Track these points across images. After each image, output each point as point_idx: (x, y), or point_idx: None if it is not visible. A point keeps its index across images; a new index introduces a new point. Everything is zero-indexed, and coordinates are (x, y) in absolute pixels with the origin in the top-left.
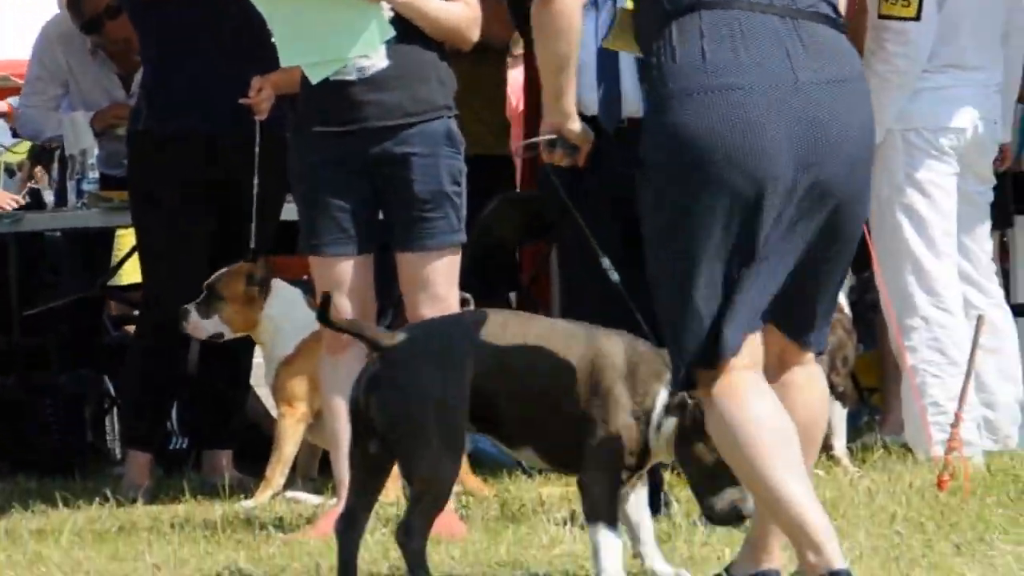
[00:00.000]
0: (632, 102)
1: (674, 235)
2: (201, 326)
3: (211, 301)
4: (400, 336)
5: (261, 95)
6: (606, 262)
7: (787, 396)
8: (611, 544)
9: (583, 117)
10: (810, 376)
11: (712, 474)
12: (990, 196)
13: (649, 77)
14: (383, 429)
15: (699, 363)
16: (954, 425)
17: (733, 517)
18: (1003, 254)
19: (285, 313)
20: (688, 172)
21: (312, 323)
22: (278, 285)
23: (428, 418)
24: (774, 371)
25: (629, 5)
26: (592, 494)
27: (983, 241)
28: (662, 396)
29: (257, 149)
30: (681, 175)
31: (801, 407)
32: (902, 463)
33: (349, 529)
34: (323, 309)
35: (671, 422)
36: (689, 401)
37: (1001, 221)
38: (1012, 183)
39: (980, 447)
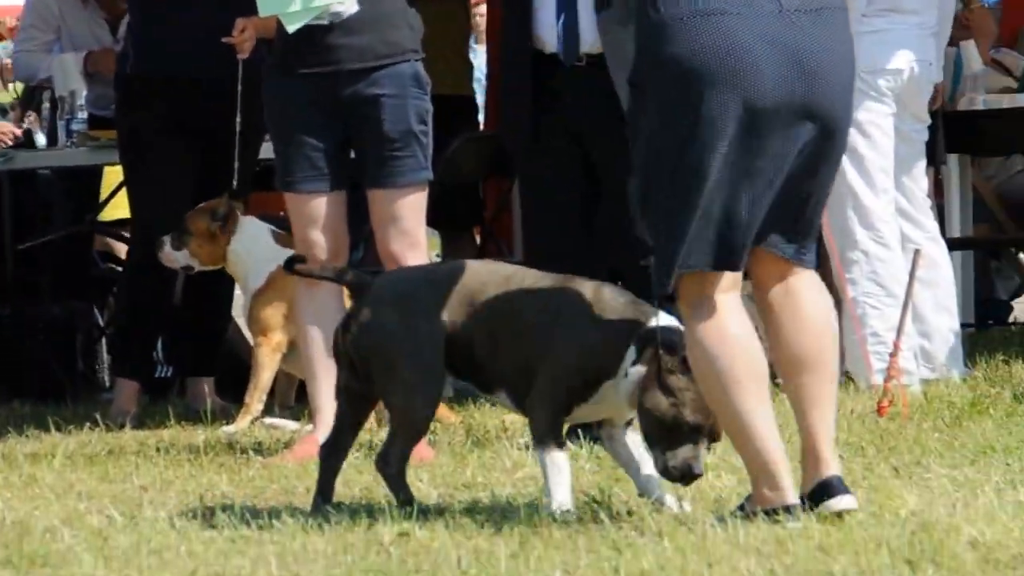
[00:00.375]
0: (589, 39)
1: (680, 153)
2: (173, 257)
3: (181, 235)
4: (379, 279)
5: (244, 35)
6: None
7: (797, 304)
8: (558, 468)
9: (542, 55)
10: (814, 283)
11: (670, 429)
12: (925, 135)
13: (640, 4)
14: (360, 364)
15: (704, 265)
16: (893, 354)
17: (686, 475)
18: (937, 190)
19: (250, 248)
20: (686, 94)
21: (277, 255)
22: (245, 221)
23: (400, 355)
24: (781, 291)
25: None
26: (536, 419)
27: (919, 178)
28: (631, 352)
29: (240, 87)
30: (680, 97)
31: (812, 309)
32: (844, 391)
33: (331, 456)
34: (291, 262)
35: (637, 372)
36: (662, 353)
37: (935, 159)
38: (945, 122)
39: (917, 375)
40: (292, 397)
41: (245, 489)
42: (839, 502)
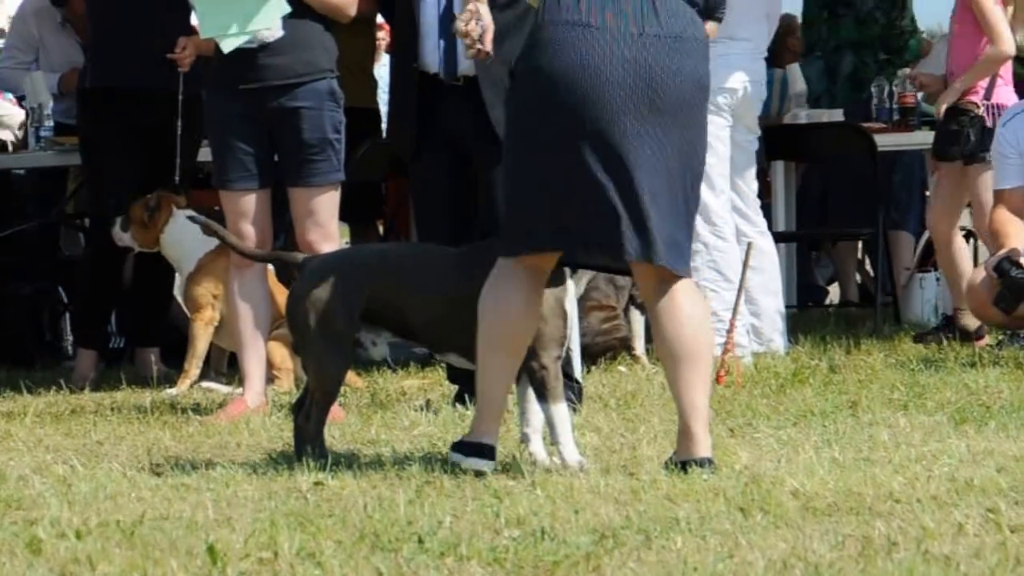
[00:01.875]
0: (465, 63)
1: (526, 143)
2: (120, 237)
3: (125, 221)
4: (310, 260)
5: (185, 52)
6: None
7: (674, 305)
8: (564, 418)
9: (426, 75)
10: (690, 288)
11: None
12: (756, 144)
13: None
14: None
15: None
16: (729, 331)
17: None
18: (766, 191)
19: (179, 237)
20: (544, 95)
21: (206, 244)
22: (177, 213)
23: (315, 326)
24: (660, 295)
25: None
26: (539, 377)
27: (750, 181)
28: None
29: (180, 97)
30: (538, 97)
31: (690, 311)
32: None
33: (298, 413)
34: (234, 248)
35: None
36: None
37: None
38: (773, 133)
39: (749, 349)
40: (224, 364)
41: (185, 444)
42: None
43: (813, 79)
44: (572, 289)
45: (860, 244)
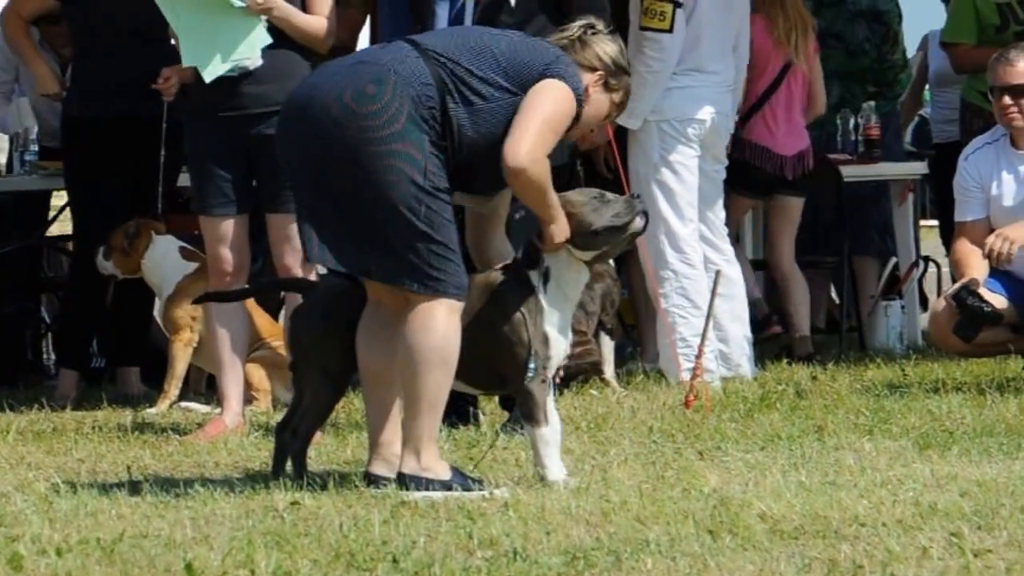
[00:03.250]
0: None
1: None
2: (103, 265)
3: (107, 249)
4: (317, 287)
5: (169, 82)
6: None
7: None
8: (546, 441)
9: None
10: (419, 311)
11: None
12: (723, 174)
13: None
14: (289, 352)
15: None
16: (698, 357)
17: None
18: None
19: (159, 262)
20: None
21: (184, 267)
22: (158, 239)
23: (315, 352)
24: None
25: None
26: (520, 402)
27: (718, 210)
28: (534, 276)
29: (164, 125)
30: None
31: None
32: (658, 386)
33: (283, 431)
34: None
35: (552, 266)
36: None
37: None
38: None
39: (717, 374)
40: (203, 385)
41: (165, 463)
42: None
43: None
44: (554, 314)
45: None
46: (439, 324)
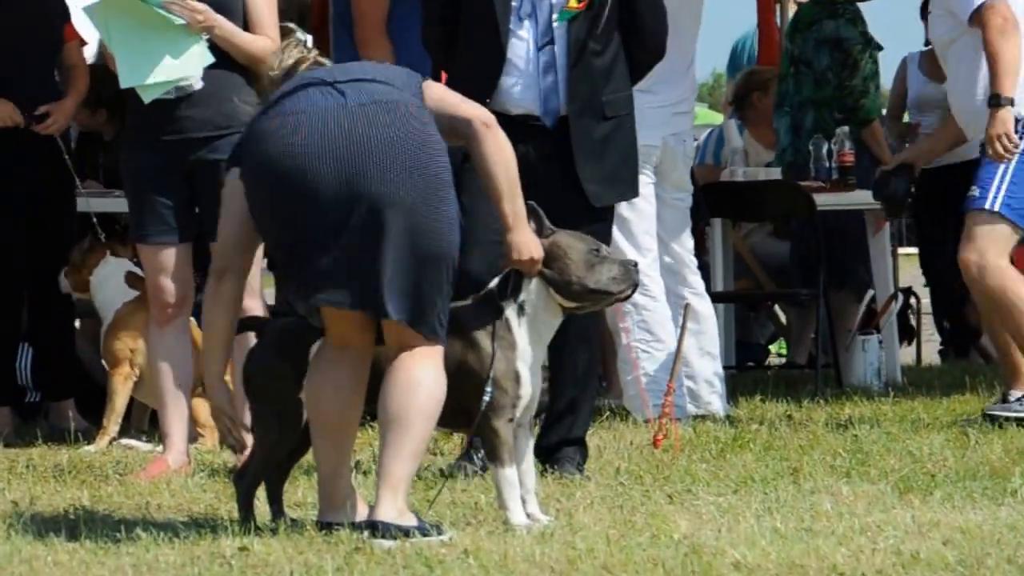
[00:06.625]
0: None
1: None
2: (63, 284)
3: (69, 269)
4: (271, 324)
5: (51, 128)
6: None
7: (400, 376)
8: (510, 483)
9: (510, 117)
10: (423, 353)
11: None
12: (689, 202)
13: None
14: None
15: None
16: (667, 394)
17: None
18: (702, 249)
19: (103, 285)
20: (256, 183)
21: (125, 294)
22: (108, 259)
23: (268, 395)
24: (393, 355)
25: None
26: (487, 441)
27: (685, 240)
28: (508, 308)
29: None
30: (252, 184)
31: (408, 376)
32: (624, 424)
33: (272, 472)
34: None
35: (527, 299)
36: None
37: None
38: (709, 191)
39: (687, 412)
40: (145, 421)
41: (104, 505)
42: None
43: (781, 132)
44: (527, 352)
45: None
46: (439, 372)
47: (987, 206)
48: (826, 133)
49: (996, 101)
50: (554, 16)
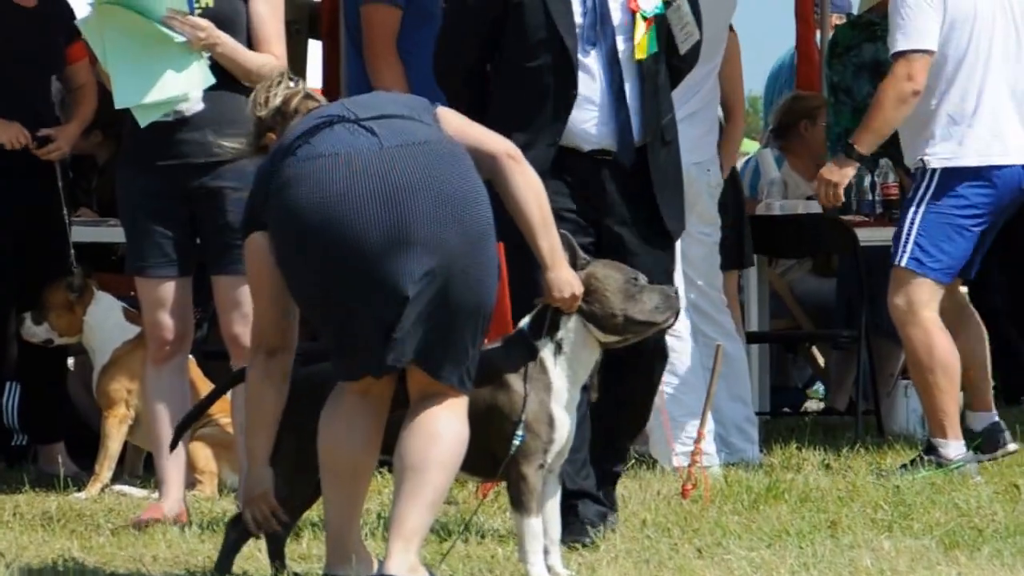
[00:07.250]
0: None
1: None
2: (34, 332)
3: (40, 310)
4: (298, 374)
5: (52, 155)
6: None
7: (423, 415)
8: (534, 534)
9: (577, 152)
10: (449, 403)
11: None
12: (717, 236)
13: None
14: None
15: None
16: (696, 441)
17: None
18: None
19: (101, 322)
20: (290, 233)
21: (124, 332)
22: (100, 295)
23: (289, 441)
24: (417, 401)
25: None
26: (515, 487)
27: (714, 278)
28: (543, 345)
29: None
30: (285, 235)
31: (434, 427)
32: (651, 472)
33: (234, 527)
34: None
35: (565, 336)
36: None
37: (737, 261)
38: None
39: (717, 460)
40: (140, 466)
41: (95, 556)
42: None
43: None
44: (564, 392)
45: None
46: (463, 423)
47: (895, 262)
48: (868, 164)
49: (849, 151)
50: (636, 56)
